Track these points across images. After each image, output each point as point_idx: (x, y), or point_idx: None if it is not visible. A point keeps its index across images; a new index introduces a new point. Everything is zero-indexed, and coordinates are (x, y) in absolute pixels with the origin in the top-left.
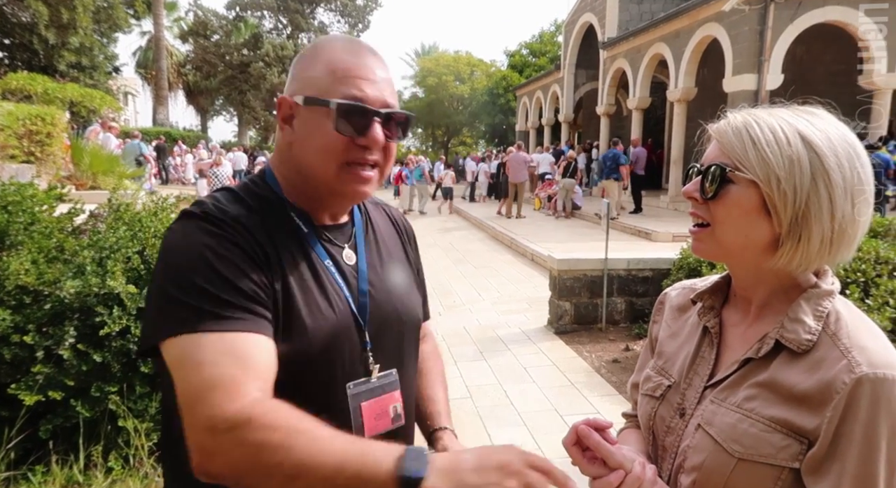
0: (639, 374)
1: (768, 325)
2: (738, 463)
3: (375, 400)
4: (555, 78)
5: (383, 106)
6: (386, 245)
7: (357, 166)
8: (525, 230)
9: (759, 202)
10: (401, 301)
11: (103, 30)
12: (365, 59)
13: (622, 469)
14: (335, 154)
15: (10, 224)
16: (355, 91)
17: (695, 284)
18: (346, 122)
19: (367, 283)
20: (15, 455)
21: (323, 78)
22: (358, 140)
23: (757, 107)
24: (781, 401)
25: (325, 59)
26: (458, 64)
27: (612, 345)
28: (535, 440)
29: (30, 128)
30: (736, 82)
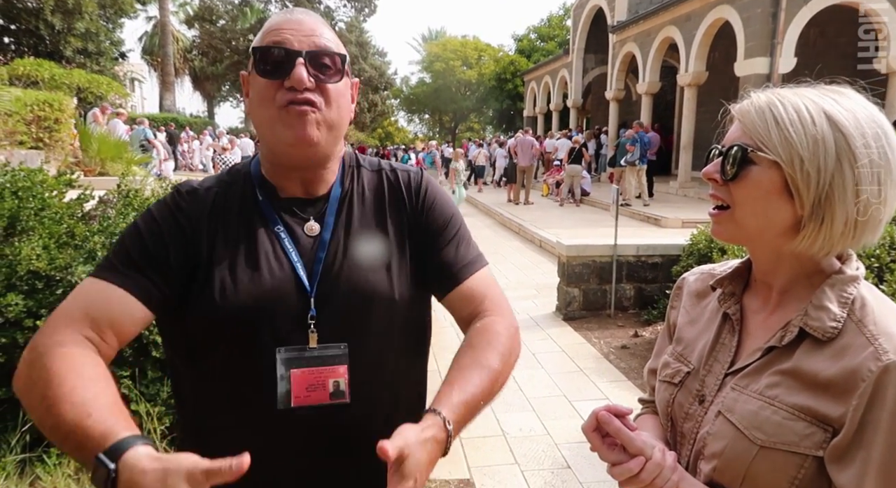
0: (656, 360)
1: (791, 312)
2: (760, 451)
3: (310, 370)
4: (563, 62)
5: (311, 48)
6: (364, 216)
7: (292, 106)
8: (533, 216)
9: (781, 183)
10: (369, 275)
11: (109, 15)
12: (294, 15)
13: (642, 455)
14: (267, 100)
15: (20, 209)
16: (276, 38)
17: (713, 269)
18: (267, 65)
19: (324, 252)
20: (30, 437)
21: (257, 39)
22: (284, 82)
23: (783, 86)
24: (805, 389)
25: (264, 27)
26: (465, 49)
27: (620, 332)
28: (543, 425)
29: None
30: (748, 66)
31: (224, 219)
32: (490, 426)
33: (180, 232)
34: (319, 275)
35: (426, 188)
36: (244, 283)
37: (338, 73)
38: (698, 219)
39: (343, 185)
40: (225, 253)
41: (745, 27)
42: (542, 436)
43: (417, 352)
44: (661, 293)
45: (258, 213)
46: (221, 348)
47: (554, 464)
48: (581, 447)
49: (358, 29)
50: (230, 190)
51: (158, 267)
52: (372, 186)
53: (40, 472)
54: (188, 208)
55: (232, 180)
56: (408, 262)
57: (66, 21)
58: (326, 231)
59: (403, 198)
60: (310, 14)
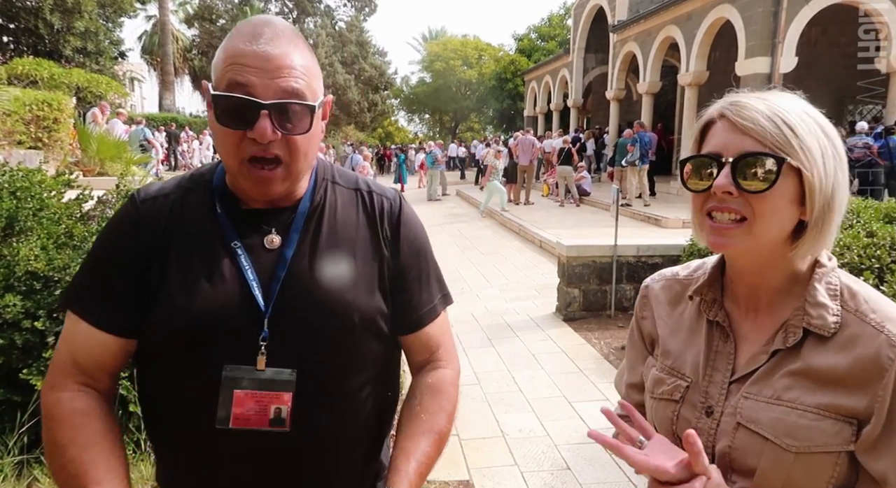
0: (633, 373)
1: (782, 311)
2: (797, 458)
3: (253, 393)
4: (564, 62)
5: (277, 96)
6: (333, 236)
7: (255, 164)
8: (533, 217)
9: (798, 191)
10: (331, 296)
11: (108, 14)
12: (262, 43)
13: (706, 475)
14: (230, 149)
15: (18, 210)
16: (239, 78)
17: (677, 274)
18: (229, 115)
19: (284, 270)
20: (28, 439)
21: (219, 64)
22: (247, 133)
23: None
24: (822, 387)
25: (226, 46)
26: (465, 48)
27: (620, 332)
28: (543, 426)
29: (36, 113)
30: (749, 65)
31: (179, 231)
32: (489, 427)
33: (137, 248)
34: (276, 294)
35: (402, 216)
36: (194, 299)
37: (307, 123)
38: None
39: (313, 200)
40: (178, 266)
41: (745, 26)
42: (542, 437)
43: (379, 379)
44: None
45: (216, 226)
46: (171, 360)
47: (553, 466)
48: (581, 448)
49: (358, 28)
50: (189, 197)
51: (123, 292)
52: (345, 204)
53: (38, 474)
54: (144, 220)
55: (193, 186)
56: (374, 288)
57: (66, 20)
58: (289, 247)
59: (377, 223)
60: (278, 37)
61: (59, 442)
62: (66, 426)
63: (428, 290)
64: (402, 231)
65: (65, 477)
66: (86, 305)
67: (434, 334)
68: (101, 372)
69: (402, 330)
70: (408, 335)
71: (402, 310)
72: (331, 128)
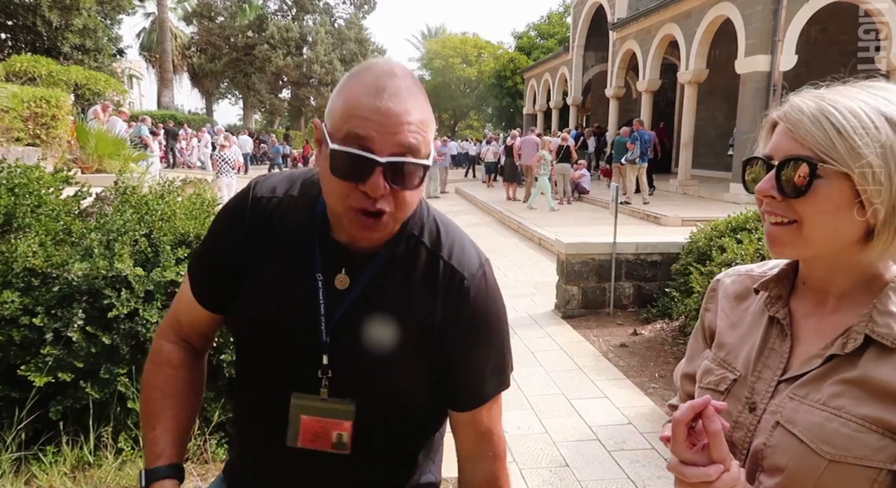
0: (690, 364)
1: (849, 317)
2: (829, 465)
3: (318, 420)
4: (563, 60)
5: (394, 151)
6: (401, 293)
7: (362, 212)
8: (532, 214)
9: (850, 194)
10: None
11: (107, 11)
12: (383, 98)
13: (724, 464)
14: (339, 197)
15: (16, 206)
16: (360, 132)
17: (751, 271)
18: (343, 168)
19: (346, 308)
20: (26, 436)
21: (338, 112)
22: (359, 185)
23: (821, 86)
24: (874, 400)
25: (347, 93)
26: (465, 46)
27: (619, 330)
28: (542, 423)
29: (35, 110)
30: (748, 63)
31: (273, 240)
32: None
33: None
34: (334, 328)
35: (470, 295)
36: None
37: (418, 179)
38: (698, 217)
39: (395, 251)
40: (261, 272)
41: (745, 24)
42: (541, 435)
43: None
44: (660, 291)
45: (308, 249)
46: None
47: (552, 463)
48: (579, 445)
49: (357, 26)
50: (294, 207)
51: (218, 275)
52: (421, 266)
53: (36, 470)
54: (252, 216)
55: (301, 196)
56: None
57: (64, 17)
58: (356, 288)
59: (438, 296)
60: (401, 92)
61: (148, 383)
62: (158, 371)
63: (483, 373)
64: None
65: (143, 415)
66: (193, 273)
67: (484, 419)
68: (196, 334)
69: (453, 406)
70: (458, 413)
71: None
72: None
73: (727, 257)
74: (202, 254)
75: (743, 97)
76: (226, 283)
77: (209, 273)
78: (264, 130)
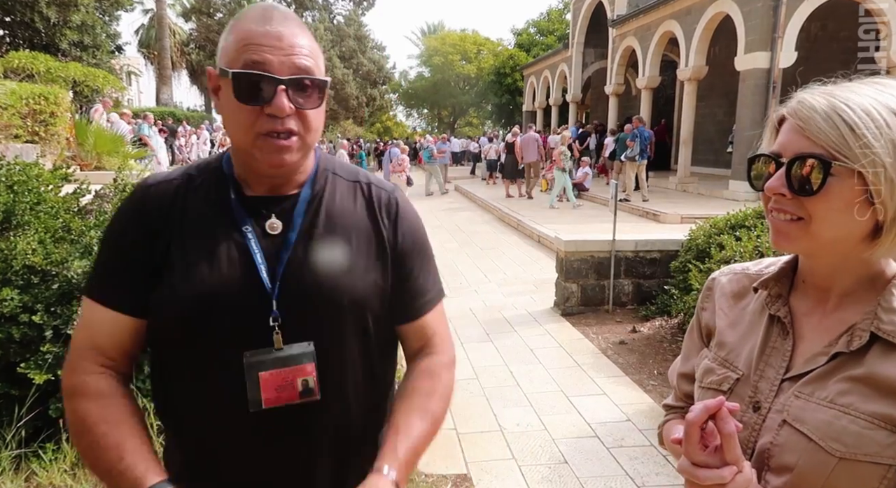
0: (687, 364)
1: (851, 315)
2: (840, 463)
3: (279, 372)
4: (563, 57)
5: (292, 72)
6: (332, 222)
7: (271, 136)
8: (532, 212)
9: (861, 192)
10: (332, 278)
11: (105, 7)
12: (274, 25)
13: (737, 466)
14: (245, 125)
15: (16, 204)
16: (255, 57)
17: (747, 269)
18: (247, 92)
19: (288, 252)
20: (26, 433)
21: (231, 47)
22: (265, 109)
23: (828, 83)
24: (882, 396)
25: (237, 28)
26: (464, 43)
27: (618, 327)
28: (541, 420)
29: (33, 107)
30: (748, 60)
31: (184, 215)
32: (487, 421)
33: (145, 227)
34: (281, 275)
35: (400, 209)
36: (199, 280)
37: (319, 99)
38: (697, 215)
39: (314, 188)
40: (183, 248)
41: (745, 21)
42: (540, 431)
43: (383, 355)
44: (659, 288)
45: (227, 211)
46: (184, 345)
47: (551, 459)
48: (578, 442)
49: (356, 22)
50: (195, 183)
51: (133, 274)
52: (344, 194)
53: (36, 468)
54: (150, 203)
55: (199, 174)
56: (373, 272)
57: (62, 13)
58: (292, 231)
59: (376, 214)
60: (287, 19)
61: (88, 421)
62: (94, 405)
63: (426, 281)
64: (400, 223)
65: (96, 453)
66: (100, 290)
67: (429, 324)
68: (120, 354)
69: (401, 319)
70: (406, 324)
71: (401, 300)
72: (329, 122)
73: (726, 254)
74: (105, 265)
75: (743, 94)
76: (142, 282)
77: (122, 277)
78: None
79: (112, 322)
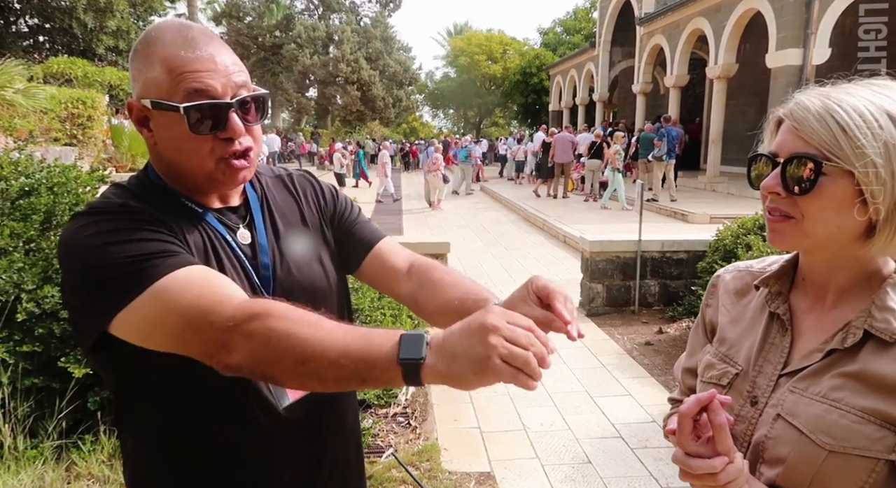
0: (691, 359)
1: (847, 313)
2: (829, 456)
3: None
4: (589, 56)
5: (234, 92)
6: (284, 217)
7: (233, 157)
8: (557, 212)
9: (853, 191)
10: (305, 271)
11: (139, 13)
12: (199, 47)
13: (728, 456)
14: (203, 154)
15: (56, 204)
16: (197, 85)
17: (751, 267)
18: (201, 122)
19: (267, 257)
20: (66, 424)
21: (162, 78)
22: (220, 135)
23: (825, 84)
24: (873, 392)
25: (160, 57)
26: (490, 43)
27: (644, 328)
28: (564, 420)
29: (71, 111)
30: (780, 57)
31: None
32: (511, 420)
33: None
34: (272, 279)
35: (321, 184)
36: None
37: (263, 112)
38: (727, 215)
39: (256, 191)
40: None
41: (777, 17)
42: (563, 431)
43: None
44: (686, 289)
45: (205, 223)
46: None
47: (574, 459)
48: (602, 442)
49: (383, 24)
50: (158, 206)
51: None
52: (279, 189)
53: (75, 457)
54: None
55: (145, 195)
56: (333, 251)
57: (98, 19)
58: (261, 236)
59: (307, 197)
60: (210, 38)
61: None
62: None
63: (368, 226)
64: (326, 194)
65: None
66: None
67: (390, 246)
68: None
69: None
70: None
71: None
72: (356, 123)
73: (753, 255)
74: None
75: (774, 92)
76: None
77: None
78: (292, 129)
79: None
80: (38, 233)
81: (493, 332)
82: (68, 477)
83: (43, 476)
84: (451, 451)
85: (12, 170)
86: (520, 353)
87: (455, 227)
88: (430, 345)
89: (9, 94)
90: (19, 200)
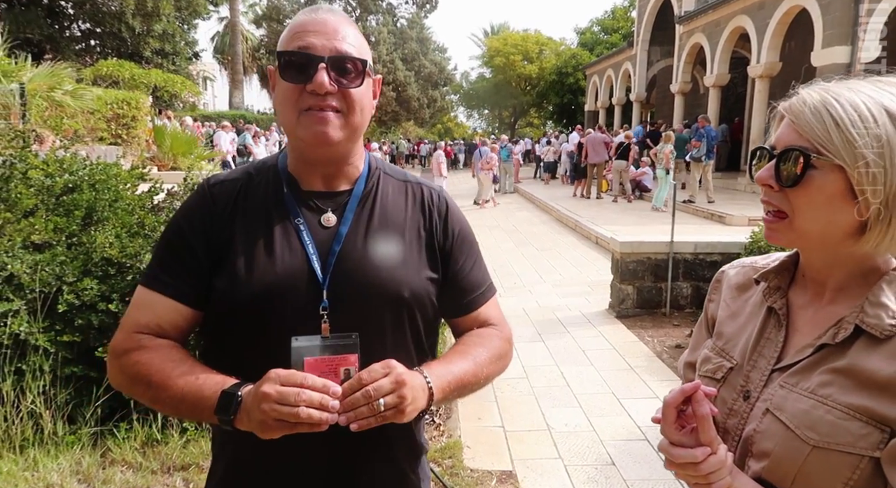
0: (693, 353)
1: (843, 309)
2: (813, 451)
3: (322, 359)
4: (627, 55)
5: (334, 53)
6: (385, 219)
7: (313, 111)
8: (590, 212)
9: (844, 187)
10: (382, 271)
11: (184, 16)
12: (320, 14)
13: (710, 447)
14: (290, 102)
15: (97, 201)
16: (300, 42)
17: (755, 262)
18: (290, 70)
19: (340, 245)
20: (102, 412)
21: (285, 36)
22: (307, 87)
23: (832, 80)
24: (861, 388)
25: (291, 23)
26: (526, 43)
27: (675, 331)
28: (589, 421)
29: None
30: (826, 55)
31: (245, 210)
32: (535, 420)
33: (208, 224)
34: (333, 266)
35: (449, 207)
36: (259, 271)
37: (359, 77)
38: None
39: (367, 185)
40: (244, 241)
41: (823, 14)
42: (588, 432)
43: (425, 351)
44: None
45: (281, 205)
46: (237, 333)
47: (598, 460)
48: (627, 444)
49: (419, 25)
50: (254, 182)
51: (192, 265)
52: (395, 192)
53: (111, 444)
54: (215, 199)
55: (257, 172)
56: (423, 268)
57: (146, 23)
58: (344, 225)
59: (425, 213)
60: (334, 13)
61: (152, 364)
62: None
63: (477, 276)
64: (449, 220)
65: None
66: (155, 278)
67: (486, 312)
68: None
69: (457, 312)
70: (461, 317)
71: (455, 295)
72: (391, 123)
73: None
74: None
75: None
76: (199, 275)
77: (181, 270)
78: None
79: (164, 306)
80: (80, 228)
81: (264, 400)
82: (103, 463)
83: (80, 460)
84: (473, 449)
85: (57, 167)
86: (289, 412)
87: (487, 228)
88: (243, 403)
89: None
90: (63, 196)
